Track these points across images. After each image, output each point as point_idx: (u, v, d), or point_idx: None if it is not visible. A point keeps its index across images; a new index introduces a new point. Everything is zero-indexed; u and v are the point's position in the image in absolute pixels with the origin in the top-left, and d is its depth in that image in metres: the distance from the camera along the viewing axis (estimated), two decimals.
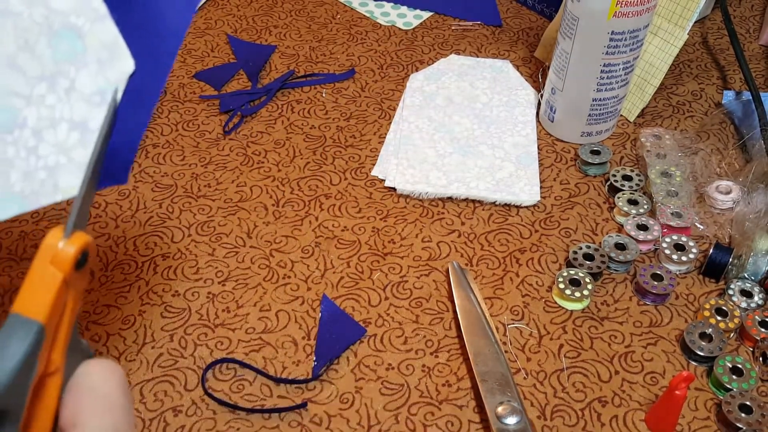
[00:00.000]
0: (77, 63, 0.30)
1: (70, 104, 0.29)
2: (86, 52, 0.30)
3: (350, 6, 0.73)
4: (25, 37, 0.30)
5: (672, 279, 0.47)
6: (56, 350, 0.25)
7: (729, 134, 0.59)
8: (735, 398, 0.41)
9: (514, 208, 0.53)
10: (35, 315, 0.24)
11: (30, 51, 0.30)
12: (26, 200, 0.29)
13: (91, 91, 0.30)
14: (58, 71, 0.30)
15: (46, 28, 0.30)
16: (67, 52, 0.30)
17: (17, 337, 0.24)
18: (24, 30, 0.30)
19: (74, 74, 0.30)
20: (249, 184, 0.55)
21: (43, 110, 0.29)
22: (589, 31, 0.52)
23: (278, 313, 0.47)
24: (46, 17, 0.30)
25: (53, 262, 0.25)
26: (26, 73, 0.29)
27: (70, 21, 0.30)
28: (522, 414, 0.40)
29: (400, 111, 0.61)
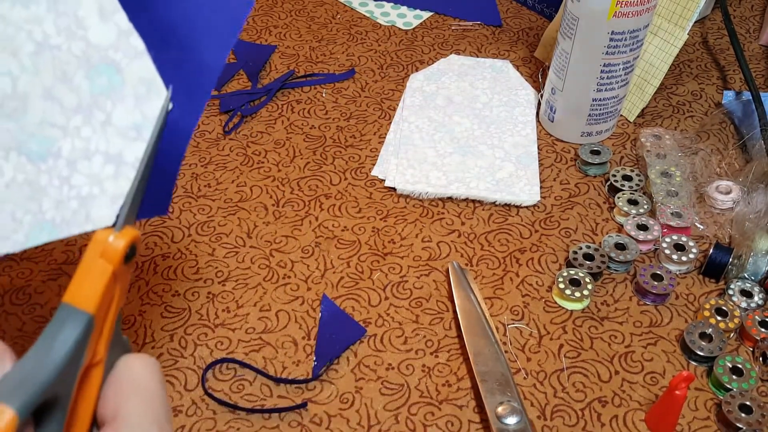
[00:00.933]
0: (114, 97, 0.30)
1: (106, 137, 0.30)
2: (124, 86, 0.30)
3: (350, 6, 0.73)
4: (63, 69, 0.30)
5: (672, 279, 0.47)
6: (101, 342, 0.26)
7: (729, 134, 0.59)
8: (735, 398, 0.41)
9: (514, 208, 0.53)
10: (85, 306, 0.25)
11: (68, 83, 0.30)
12: (57, 228, 0.30)
13: (126, 126, 0.30)
14: (94, 104, 0.30)
15: (85, 61, 0.30)
16: (104, 86, 0.30)
17: (68, 326, 0.25)
18: (62, 62, 0.30)
19: (111, 108, 0.30)
20: (249, 184, 0.55)
21: (78, 142, 0.30)
22: (589, 31, 0.52)
23: (278, 313, 0.47)
24: (84, 51, 0.30)
25: (103, 256, 0.26)
26: (63, 104, 0.30)
27: (109, 56, 0.30)
28: (522, 414, 0.40)
29: (400, 111, 0.61)
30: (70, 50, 0.30)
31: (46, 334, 0.24)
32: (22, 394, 0.22)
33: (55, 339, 0.24)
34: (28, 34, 0.30)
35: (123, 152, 0.30)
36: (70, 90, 0.30)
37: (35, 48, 0.30)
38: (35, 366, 0.23)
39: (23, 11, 0.30)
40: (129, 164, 0.29)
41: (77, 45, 0.30)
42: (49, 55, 0.30)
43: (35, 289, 0.48)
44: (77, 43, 0.30)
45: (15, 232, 0.30)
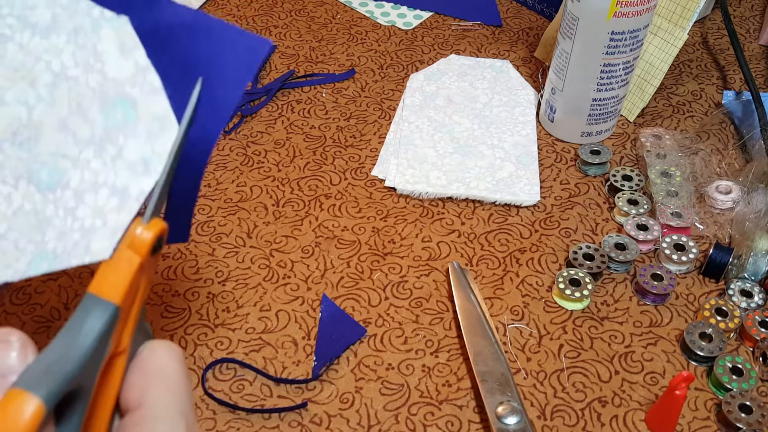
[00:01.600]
0: (127, 132, 0.30)
1: (114, 171, 0.30)
2: (138, 122, 0.30)
3: (350, 6, 0.73)
4: (78, 101, 0.30)
5: (672, 279, 0.47)
6: (126, 332, 0.26)
7: (729, 134, 0.59)
8: (735, 398, 0.41)
9: (514, 208, 0.53)
10: (111, 297, 0.25)
11: (82, 115, 0.30)
12: (57, 259, 0.30)
13: (135, 160, 0.30)
14: (107, 138, 0.30)
15: (101, 94, 0.30)
16: (119, 121, 0.30)
17: (93, 316, 0.25)
18: (78, 94, 0.30)
19: (123, 142, 0.30)
20: (249, 184, 0.55)
21: (87, 173, 0.30)
22: (589, 31, 0.52)
23: (278, 313, 0.47)
24: (101, 84, 0.30)
25: (131, 247, 0.26)
26: (76, 136, 0.30)
27: (125, 90, 0.30)
28: (522, 414, 0.40)
29: (400, 111, 0.61)
30: (87, 83, 0.30)
31: (72, 323, 0.24)
32: (47, 383, 0.22)
33: (80, 329, 0.24)
34: (46, 64, 0.30)
35: (129, 186, 0.30)
36: (85, 122, 0.30)
37: (52, 79, 0.30)
38: (61, 356, 0.23)
39: (43, 42, 0.30)
40: (133, 198, 0.30)
41: (94, 78, 0.30)
42: (66, 86, 0.30)
43: (35, 289, 0.48)
44: (94, 76, 0.30)
45: (17, 260, 0.30)
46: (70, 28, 0.31)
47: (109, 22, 0.31)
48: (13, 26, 0.30)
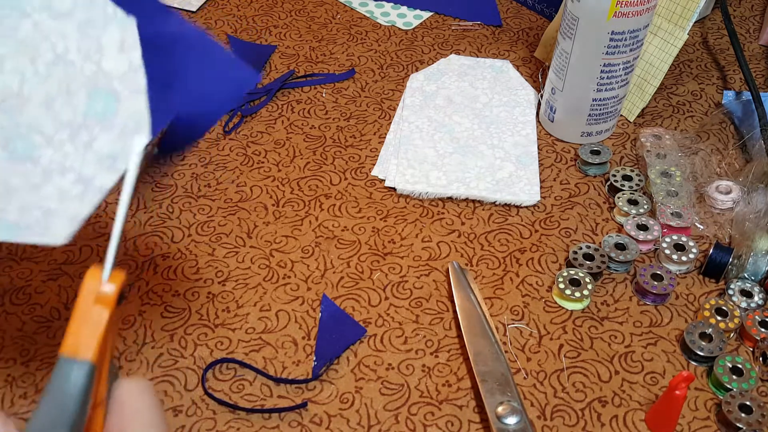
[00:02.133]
0: (104, 123, 0.31)
1: (83, 158, 0.31)
2: (116, 116, 0.31)
3: (350, 6, 0.73)
4: (69, 84, 0.31)
5: (672, 279, 0.47)
6: (101, 384, 0.27)
7: (729, 134, 0.59)
8: (735, 398, 0.41)
9: (514, 208, 0.53)
10: (86, 355, 0.26)
11: (68, 97, 0.31)
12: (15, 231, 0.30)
13: (105, 153, 0.31)
14: (84, 124, 0.31)
15: (91, 82, 0.32)
16: (99, 111, 0.31)
17: (73, 379, 0.25)
18: (71, 77, 0.32)
19: (97, 133, 0.31)
20: (249, 184, 0.55)
21: (57, 155, 0.31)
22: (589, 31, 0.52)
23: (278, 313, 0.47)
24: (94, 73, 0.32)
25: (98, 302, 0.27)
26: (57, 116, 0.31)
27: (113, 84, 0.32)
28: (522, 414, 0.40)
29: (400, 111, 0.61)
30: (82, 69, 0.32)
31: (52, 388, 0.25)
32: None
33: (63, 393, 0.25)
34: (52, 45, 0.32)
35: (95, 177, 0.31)
36: (68, 105, 0.31)
37: (53, 58, 0.31)
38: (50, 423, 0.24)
39: (55, 24, 0.32)
40: (96, 189, 0.30)
41: (90, 66, 0.32)
42: (63, 67, 0.32)
43: (35, 289, 0.48)
44: (90, 65, 0.32)
45: None
46: (83, 18, 0.32)
47: (119, 21, 0.33)
48: (35, 6, 0.32)
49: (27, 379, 0.43)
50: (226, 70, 0.33)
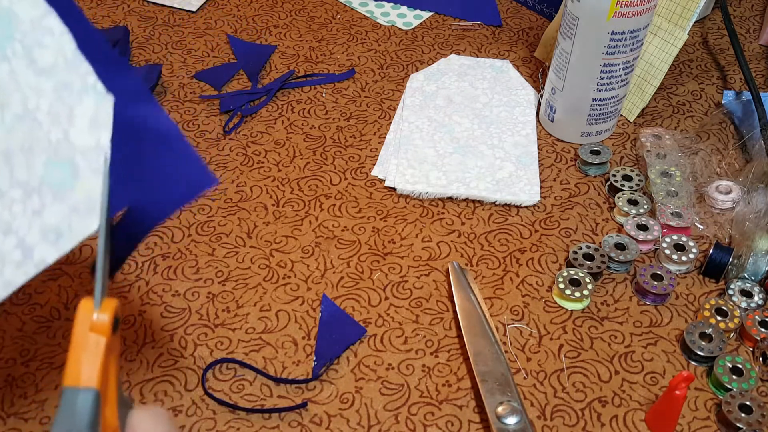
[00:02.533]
0: (57, 194, 0.30)
1: (29, 225, 0.30)
2: (71, 192, 0.30)
3: (350, 6, 0.73)
4: (32, 144, 0.30)
5: (672, 279, 0.47)
6: (110, 410, 0.27)
7: (729, 134, 0.59)
8: (735, 398, 0.41)
9: (514, 208, 0.53)
10: (89, 383, 0.26)
11: (28, 157, 0.30)
12: None
13: (51, 226, 0.30)
14: (37, 190, 0.30)
15: (53, 150, 0.30)
16: (55, 181, 0.30)
17: (79, 408, 0.26)
18: (35, 138, 0.30)
19: (49, 202, 0.30)
20: (249, 184, 0.55)
21: (5, 213, 0.29)
22: (589, 31, 0.52)
23: (278, 313, 0.47)
24: (59, 141, 0.31)
25: (93, 330, 0.27)
26: (13, 173, 0.30)
27: (75, 158, 0.31)
28: (522, 414, 0.40)
29: (400, 111, 0.61)
30: (48, 133, 0.30)
31: (61, 419, 0.25)
32: None
33: (73, 422, 0.25)
34: (24, 98, 0.30)
35: (35, 248, 0.29)
36: (27, 165, 0.30)
37: (22, 112, 0.30)
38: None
39: (33, 78, 0.31)
40: (34, 262, 0.29)
41: (56, 132, 0.31)
42: (29, 125, 0.30)
43: (35, 289, 0.48)
44: (57, 131, 0.31)
45: None
46: (62, 80, 0.31)
47: (96, 94, 0.31)
48: (16, 53, 0.30)
49: (27, 379, 0.43)
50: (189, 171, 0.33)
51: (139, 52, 0.67)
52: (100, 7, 0.72)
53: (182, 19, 0.71)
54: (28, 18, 0.31)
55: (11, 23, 0.30)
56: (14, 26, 0.30)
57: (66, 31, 0.32)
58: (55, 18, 0.31)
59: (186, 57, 0.67)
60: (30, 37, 0.31)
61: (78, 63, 0.32)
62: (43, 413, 0.42)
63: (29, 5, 0.31)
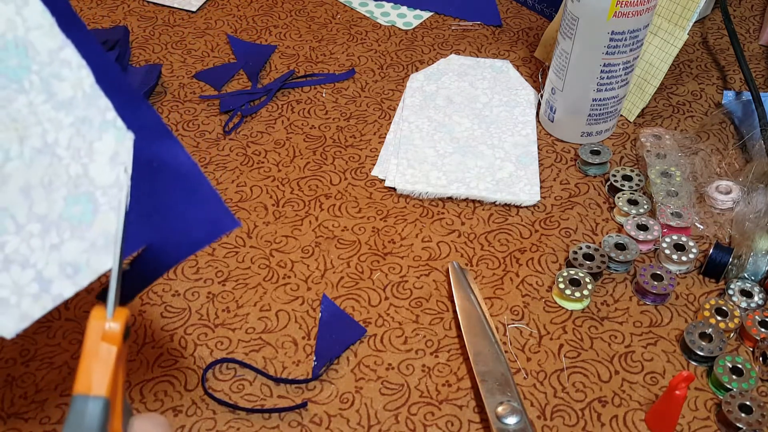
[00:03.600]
0: (76, 230, 0.30)
1: (47, 260, 0.30)
2: (89, 228, 0.30)
3: (350, 6, 0.73)
4: (51, 179, 0.30)
5: (672, 279, 0.47)
6: (117, 419, 0.27)
7: (729, 134, 0.59)
8: (735, 398, 0.41)
9: (514, 208, 0.53)
10: (99, 392, 0.26)
11: (48, 192, 0.30)
12: None
13: (68, 261, 0.30)
14: (57, 225, 0.30)
15: (73, 184, 0.30)
16: (74, 216, 0.30)
17: (89, 415, 0.26)
18: (55, 173, 0.30)
19: (67, 237, 0.30)
20: (249, 184, 0.55)
21: (23, 246, 0.29)
22: (589, 31, 0.52)
23: (278, 313, 0.47)
24: (78, 176, 0.31)
25: (105, 339, 0.28)
26: (33, 206, 0.30)
27: (95, 194, 0.31)
28: (522, 414, 0.40)
29: (400, 111, 0.61)
30: (68, 168, 0.30)
31: (71, 426, 0.26)
32: None
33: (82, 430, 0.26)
34: (43, 131, 0.30)
35: (53, 282, 0.29)
36: (46, 199, 0.30)
37: (41, 146, 0.30)
38: None
39: (51, 112, 0.30)
40: (51, 296, 0.29)
41: (76, 168, 0.31)
42: (49, 159, 0.30)
43: None
44: (77, 167, 0.31)
45: None
46: (81, 114, 0.31)
47: (116, 131, 0.32)
48: (34, 85, 0.30)
49: (27, 379, 0.43)
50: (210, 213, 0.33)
51: (139, 52, 0.67)
52: (100, 7, 0.72)
53: (182, 19, 0.71)
54: (46, 49, 0.31)
55: (28, 54, 0.30)
56: (31, 57, 0.30)
57: (84, 65, 0.31)
58: (73, 50, 0.31)
59: (186, 57, 0.67)
60: (48, 69, 0.31)
61: (97, 97, 0.32)
62: (43, 413, 0.42)
63: (46, 36, 0.31)
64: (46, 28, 0.31)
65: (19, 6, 0.30)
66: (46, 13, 0.31)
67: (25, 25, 0.30)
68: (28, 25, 0.30)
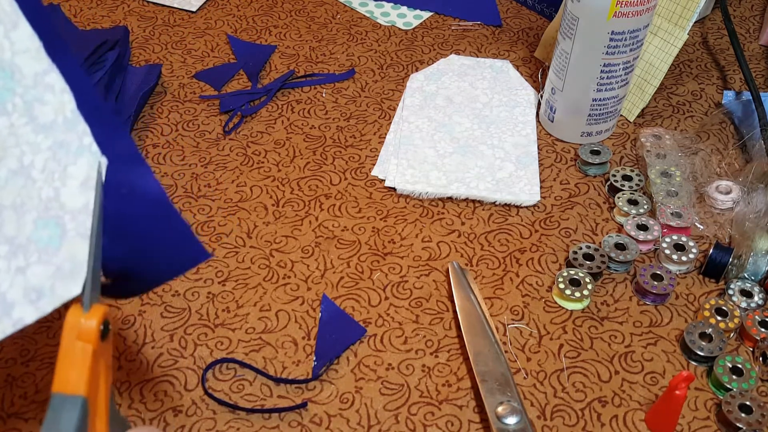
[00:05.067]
0: (42, 254, 0.30)
1: (11, 282, 0.29)
2: (56, 253, 0.30)
3: (350, 6, 0.73)
4: (23, 201, 0.30)
5: (672, 279, 0.47)
6: (100, 422, 0.27)
7: (729, 134, 0.59)
8: (735, 398, 0.41)
9: (514, 208, 0.53)
10: (76, 390, 0.26)
11: (17, 214, 0.30)
12: None
13: (33, 286, 0.29)
14: (24, 247, 0.29)
15: (43, 208, 0.30)
16: (42, 240, 0.30)
17: (66, 414, 0.25)
18: (27, 195, 0.30)
19: (34, 261, 0.30)
20: (249, 184, 0.55)
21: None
22: (589, 31, 0.52)
23: (278, 313, 0.47)
24: (50, 199, 0.30)
25: (80, 338, 0.27)
26: (2, 228, 0.29)
27: (64, 219, 0.30)
28: (522, 414, 0.40)
29: (400, 111, 0.61)
30: (40, 191, 0.30)
31: (48, 425, 0.25)
32: None
33: (58, 428, 0.25)
34: (21, 153, 0.30)
35: (15, 306, 0.29)
36: (16, 222, 0.29)
37: (17, 168, 0.30)
38: None
39: (30, 135, 0.30)
40: (12, 321, 0.29)
41: (48, 191, 0.30)
42: (23, 181, 0.30)
43: None
44: (48, 190, 0.30)
45: None
46: (59, 138, 0.31)
47: (91, 155, 0.31)
48: (17, 107, 0.30)
49: (27, 379, 0.43)
50: (181, 244, 0.33)
51: (139, 52, 0.67)
52: (100, 7, 0.72)
53: (182, 19, 0.71)
54: (32, 72, 0.30)
55: (13, 77, 0.30)
56: (16, 80, 0.30)
57: (67, 89, 0.31)
58: (57, 75, 0.31)
59: (186, 57, 0.67)
60: (31, 92, 0.30)
61: (76, 122, 0.31)
62: (43, 413, 0.42)
63: (32, 59, 0.31)
64: (32, 52, 0.31)
65: (7, 29, 0.30)
66: (34, 37, 0.31)
67: (13, 48, 0.30)
68: (16, 49, 0.30)
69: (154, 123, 0.60)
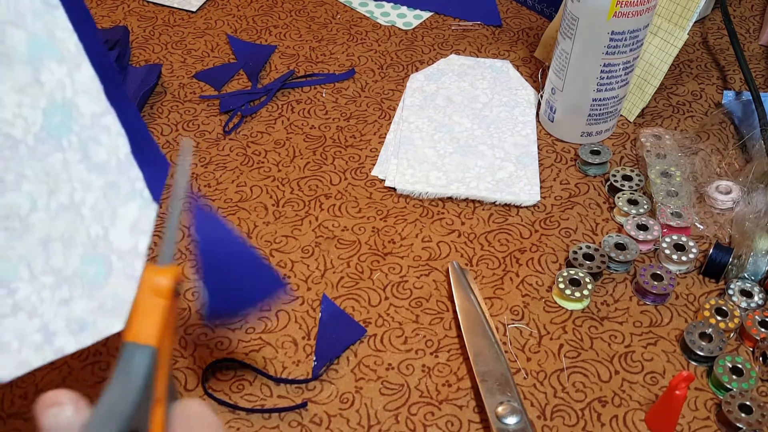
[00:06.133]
0: (87, 289, 0.30)
1: (55, 313, 0.30)
2: (101, 289, 0.30)
3: (350, 6, 0.73)
4: (72, 235, 0.30)
5: (672, 279, 0.47)
6: (161, 378, 0.28)
7: (729, 134, 0.59)
8: (735, 398, 0.41)
9: (514, 208, 0.53)
10: (148, 341, 0.27)
11: (65, 247, 0.30)
12: None
13: (75, 318, 0.30)
14: (70, 280, 0.30)
15: (91, 245, 0.31)
16: (87, 275, 0.30)
17: (137, 361, 0.27)
18: (76, 230, 0.31)
19: (78, 294, 0.30)
20: (249, 184, 0.55)
21: (34, 296, 0.29)
22: (589, 31, 0.52)
23: (278, 313, 0.47)
24: (98, 237, 0.31)
25: (155, 293, 0.28)
26: (49, 260, 0.30)
27: (111, 258, 0.31)
28: (522, 414, 0.40)
29: (400, 111, 0.61)
30: (89, 228, 0.31)
31: (119, 371, 0.26)
32: (111, 427, 0.24)
33: (128, 374, 0.26)
34: (72, 189, 0.31)
35: (57, 335, 0.30)
36: (63, 254, 0.30)
37: (68, 203, 0.30)
38: (117, 401, 0.25)
39: (83, 172, 0.31)
40: (53, 348, 0.29)
41: (96, 229, 0.31)
42: (72, 216, 0.30)
43: None
44: (97, 228, 0.31)
45: None
46: (111, 179, 0.32)
47: (142, 200, 0.32)
48: (72, 144, 0.31)
49: (27, 379, 0.43)
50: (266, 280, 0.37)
51: (139, 52, 0.67)
52: (100, 7, 0.72)
53: (182, 19, 0.71)
54: (89, 112, 0.31)
55: (71, 115, 0.31)
56: (74, 118, 0.31)
57: (122, 133, 0.32)
58: (114, 118, 0.32)
59: (186, 57, 0.67)
60: (88, 132, 0.31)
61: (129, 166, 0.32)
62: None
63: (91, 100, 0.31)
64: (93, 94, 0.32)
65: (71, 69, 0.31)
66: (96, 80, 0.32)
67: (74, 87, 0.31)
68: (77, 88, 0.31)
69: (154, 123, 0.60)
